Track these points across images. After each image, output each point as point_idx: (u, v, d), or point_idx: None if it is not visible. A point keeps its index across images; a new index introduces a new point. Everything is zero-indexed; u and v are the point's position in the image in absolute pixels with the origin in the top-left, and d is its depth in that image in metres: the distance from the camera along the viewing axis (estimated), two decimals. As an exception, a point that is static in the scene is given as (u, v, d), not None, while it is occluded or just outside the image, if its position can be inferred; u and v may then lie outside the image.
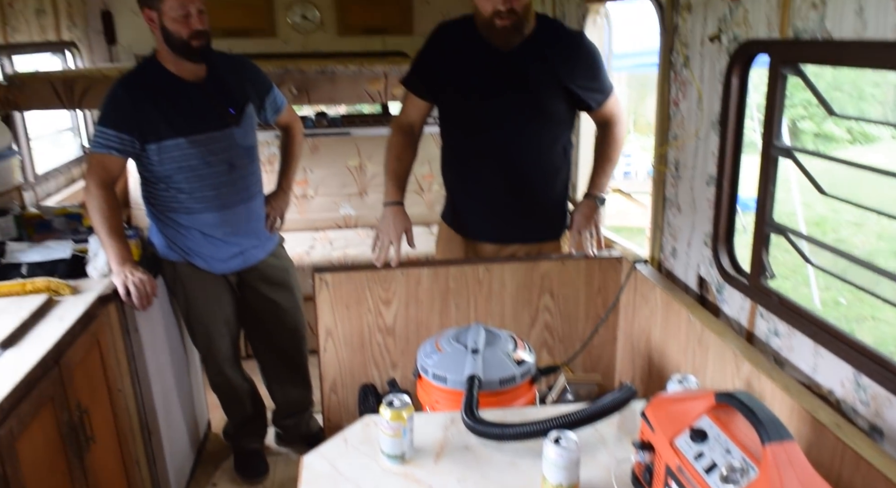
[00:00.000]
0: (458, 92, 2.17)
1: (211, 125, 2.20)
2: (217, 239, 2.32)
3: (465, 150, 2.26)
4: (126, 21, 3.96)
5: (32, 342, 1.77)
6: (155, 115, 2.13)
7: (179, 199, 2.25)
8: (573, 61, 2.10)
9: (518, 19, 1.98)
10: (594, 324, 2.31)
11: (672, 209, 2.08)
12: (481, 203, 2.29)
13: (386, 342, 2.27)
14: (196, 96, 2.18)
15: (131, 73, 2.21)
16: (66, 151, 3.68)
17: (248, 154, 2.33)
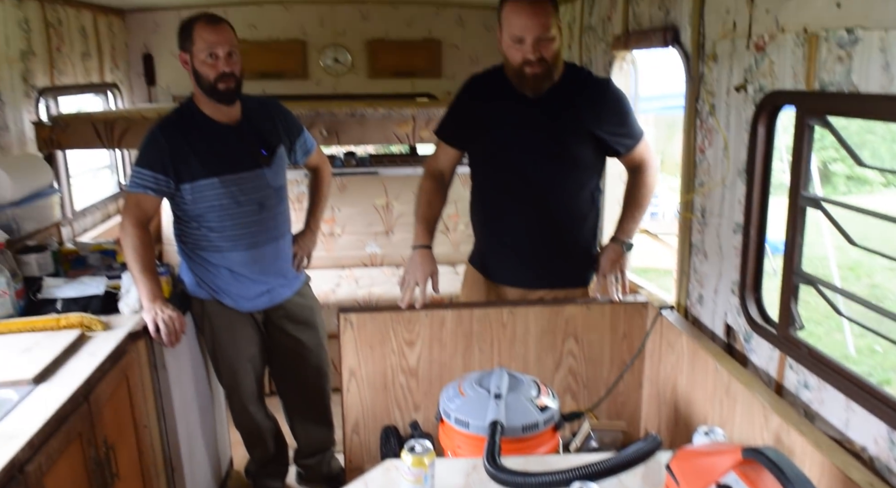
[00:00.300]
0: (488, 140, 2.19)
1: (243, 166, 2.26)
2: (245, 277, 2.36)
3: (494, 196, 2.28)
4: (165, 63, 4.12)
5: (64, 377, 1.81)
6: (190, 157, 2.20)
7: (210, 238, 2.30)
8: (601, 107, 2.11)
9: (548, 66, 2.00)
10: (619, 369, 2.28)
11: (698, 255, 2.07)
12: (509, 248, 2.29)
13: (409, 383, 2.27)
14: (230, 138, 2.25)
15: (168, 116, 2.29)
16: (103, 188, 3.80)
17: (278, 194, 2.39)
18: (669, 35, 2.13)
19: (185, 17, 4.03)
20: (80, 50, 3.40)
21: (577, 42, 3.20)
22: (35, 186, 2.51)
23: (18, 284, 2.22)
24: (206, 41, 2.14)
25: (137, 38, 4.07)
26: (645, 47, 2.35)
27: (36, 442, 1.52)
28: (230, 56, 2.18)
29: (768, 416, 1.55)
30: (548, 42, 1.95)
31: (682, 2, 2.07)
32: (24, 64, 2.86)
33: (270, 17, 4.08)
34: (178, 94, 4.18)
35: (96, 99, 3.77)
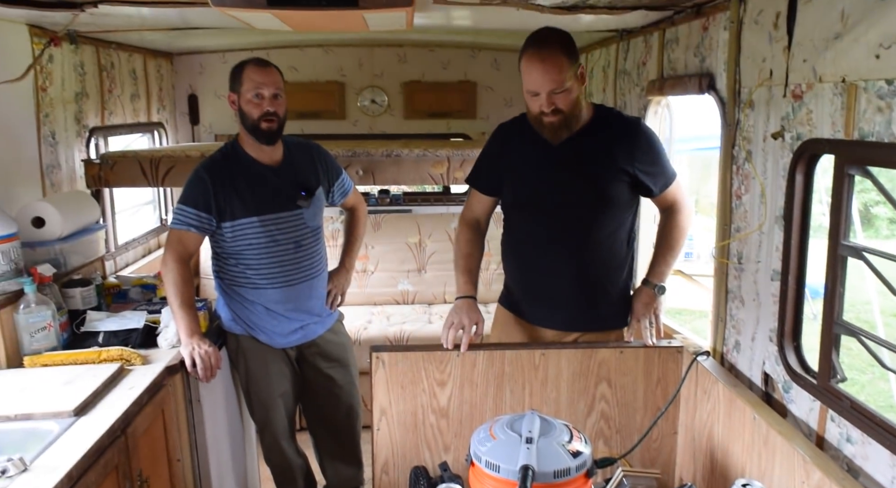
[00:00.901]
0: (518, 183, 2.21)
1: (283, 206, 2.33)
2: (280, 314, 2.40)
3: (526, 238, 2.28)
4: (208, 103, 4.28)
5: (103, 410, 1.85)
6: (232, 196, 2.27)
7: (247, 275, 2.36)
8: (631, 146, 2.11)
9: (564, 116, 2.02)
10: (653, 415, 2.24)
11: (735, 301, 2.04)
12: (544, 290, 2.27)
13: (439, 424, 2.26)
14: (271, 179, 2.32)
15: (213, 155, 2.38)
16: (145, 223, 3.91)
17: (315, 234, 2.44)
18: (705, 82, 2.15)
19: (228, 59, 4.25)
20: (129, 91, 3.55)
21: (612, 85, 3.24)
22: (83, 222, 2.60)
23: (63, 317, 2.29)
24: (254, 81, 2.24)
25: (183, 79, 4.24)
26: (680, 93, 2.37)
27: (74, 474, 1.55)
28: (275, 97, 2.27)
29: (809, 471, 1.50)
30: (562, 94, 1.97)
31: (718, 49, 2.10)
32: (78, 105, 2.99)
33: (311, 60, 4.22)
34: (220, 133, 4.33)
35: (142, 138, 3.92)
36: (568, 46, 1.99)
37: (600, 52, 3.47)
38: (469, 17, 2.86)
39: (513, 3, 2.21)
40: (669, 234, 2.22)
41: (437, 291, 4.09)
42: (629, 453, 2.18)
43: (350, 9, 1.79)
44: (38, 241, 2.38)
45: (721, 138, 2.07)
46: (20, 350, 2.15)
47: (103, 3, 2.07)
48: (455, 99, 4.28)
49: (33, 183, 2.64)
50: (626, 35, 3.01)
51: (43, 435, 1.71)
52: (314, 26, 2.02)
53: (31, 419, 1.78)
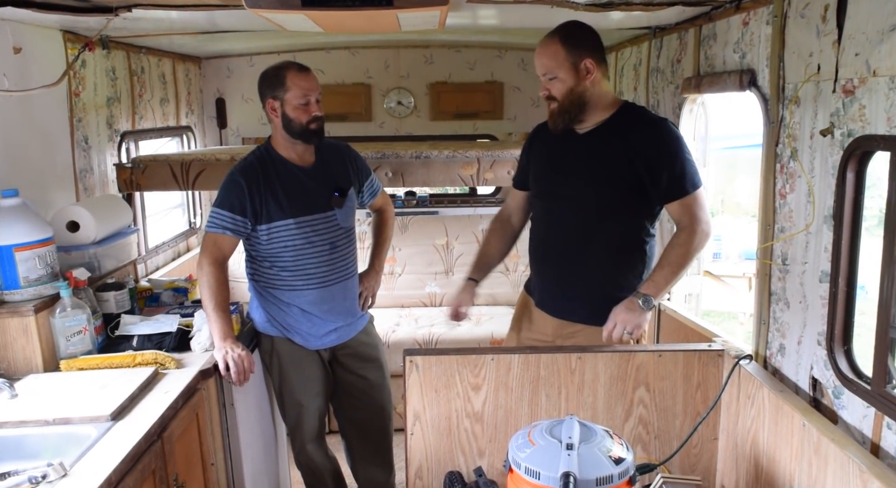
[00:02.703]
0: (536, 174, 2.31)
1: (317, 208, 2.33)
2: (315, 316, 2.40)
3: (542, 227, 2.33)
4: (236, 107, 4.29)
5: (139, 415, 1.85)
6: (267, 198, 2.27)
7: (282, 277, 2.36)
8: (652, 147, 2.07)
9: (559, 104, 2.09)
10: (693, 420, 2.19)
11: (779, 304, 1.98)
12: (548, 277, 2.34)
13: (474, 428, 2.23)
14: (305, 180, 2.32)
15: (247, 158, 2.37)
16: (174, 226, 3.93)
17: (348, 235, 2.44)
18: (746, 78, 2.09)
19: (255, 62, 4.25)
20: (159, 95, 3.57)
21: (644, 84, 3.19)
22: (116, 226, 2.61)
23: (98, 321, 2.30)
24: (302, 88, 2.24)
25: (211, 83, 4.26)
26: (718, 91, 2.31)
27: (114, 479, 1.55)
28: (318, 102, 2.30)
29: (867, 480, 1.45)
30: (555, 82, 2.07)
31: (760, 45, 2.04)
32: (109, 109, 3.01)
33: (337, 62, 4.21)
34: (247, 136, 4.34)
35: (171, 141, 3.94)
36: (570, 39, 2.05)
37: (631, 50, 3.41)
38: (496, 17, 2.82)
39: (547, 1, 2.18)
40: (673, 251, 2.11)
41: (465, 293, 4.06)
42: (669, 459, 2.13)
43: (385, 8, 1.77)
44: (73, 245, 2.39)
45: (763, 136, 2.01)
46: (56, 354, 2.16)
47: (137, 8, 2.08)
48: (482, 99, 4.25)
49: (67, 187, 2.66)
50: (659, 32, 2.95)
51: (81, 440, 1.71)
52: (346, 27, 2.01)
53: (69, 423, 1.79)
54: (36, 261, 2.11)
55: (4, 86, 2.23)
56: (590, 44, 2.08)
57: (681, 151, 2.08)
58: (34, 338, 2.09)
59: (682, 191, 2.08)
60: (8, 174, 2.24)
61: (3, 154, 2.24)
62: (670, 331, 2.84)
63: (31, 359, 2.10)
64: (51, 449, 1.72)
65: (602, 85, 2.11)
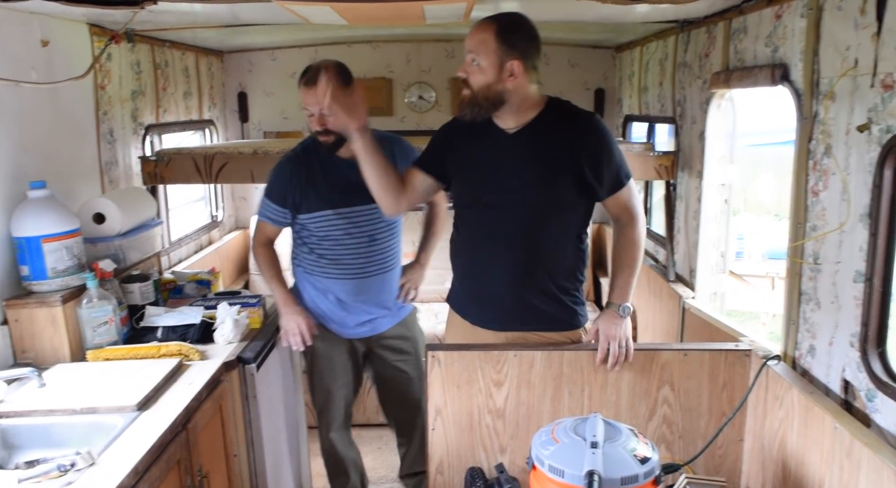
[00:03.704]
0: (463, 174, 2.13)
1: (358, 200, 2.33)
2: (350, 305, 2.45)
3: (470, 233, 2.17)
4: (258, 101, 4.31)
5: (165, 405, 1.86)
6: (308, 189, 2.34)
7: (321, 264, 2.42)
8: (593, 141, 2.00)
9: (471, 93, 1.94)
10: (718, 421, 2.16)
11: (810, 304, 1.94)
12: (483, 288, 2.17)
13: (495, 425, 2.21)
14: (348, 172, 2.27)
15: (295, 149, 2.45)
16: (197, 219, 3.96)
17: (390, 229, 2.45)
18: (778, 72, 2.05)
19: (277, 56, 4.26)
20: (182, 89, 3.59)
21: (670, 78, 3.14)
22: (141, 219, 2.63)
23: (123, 312, 2.32)
24: (305, 102, 2.30)
25: (233, 77, 4.28)
26: (749, 86, 2.27)
27: (140, 469, 1.56)
28: (324, 116, 2.25)
29: (902, 485, 1.41)
30: (475, 70, 1.92)
31: (794, 38, 2.00)
32: (134, 103, 3.03)
33: (359, 56, 4.20)
34: (268, 130, 4.35)
35: (194, 135, 3.96)
36: (505, 34, 1.90)
37: (656, 44, 3.37)
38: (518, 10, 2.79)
39: (574, -6, 2.15)
40: (624, 251, 2.09)
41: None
42: (694, 460, 2.11)
43: (411, 0, 1.75)
44: (99, 237, 2.41)
45: (796, 132, 1.97)
46: (83, 344, 2.18)
47: (163, 1, 2.08)
48: (503, 94, 4.22)
49: (93, 179, 2.68)
50: (686, 26, 2.91)
51: (107, 429, 1.72)
52: (371, 19, 1.99)
53: (96, 412, 1.80)
54: (63, 253, 2.13)
55: (32, 79, 2.25)
56: (524, 46, 1.93)
57: (614, 143, 2.04)
58: (61, 328, 2.11)
59: (620, 183, 2.05)
60: (36, 166, 2.26)
61: (32, 146, 2.26)
62: (694, 330, 2.80)
63: (59, 349, 2.12)
64: (78, 438, 1.74)
65: (526, 88, 1.97)
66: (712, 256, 2.92)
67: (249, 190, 4.39)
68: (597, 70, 4.29)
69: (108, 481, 1.47)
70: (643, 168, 3.10)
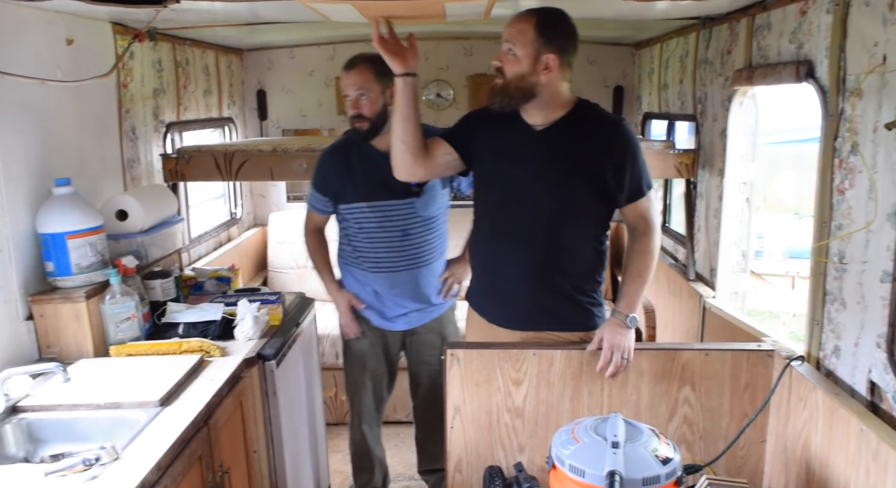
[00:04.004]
0: (488, 172, 2.13)
1: (393, 194, 2.37)
2: (386, 298, 2.50)
3: (491, 229, 2.17)
4: (276, 98, 4.33)
5: (186, 401, 1.87)
6: (345, 181, 2.40)
7: (357, 256, 2.49)
8: (619, 146, 2.00)
9: (503, 82, 1.96)
10: (740, 421, 2.14)
11: (835, 304, 1.92)
12: (500, 285, 2.16)
13: (514, 423, 2.21)
14: (384, 166, 2.25)
15: (338, 141, 2.53)
16: (216, 216, 3.99)
17: (426, 224, 2.46)
18: (803, 69, 2.02)
19: (296, 54, 4.28)
20: (202, 87, 3.61)
21: (691, 76, 3.11)
22: (163, 216, 2.65)
23: (145, 308, 2.34)
24: (343, 85, 2.36)
25: (252, 75, 4.30)
26: (772, 83, 2.24)
27: (163, 464, 1.58)
28: (360, 97, 2.30)
29: (930, 489, 1.39)
30: (511, 59, 1.94)
31: (819, 34, 1.97)
32: (156, 101, 3.06)
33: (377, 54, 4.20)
34: (287, 128, 4.37)
35: (213, 132, 3.99)
36: (545, 27, 1.92)
37: (677, 41, 3.34)
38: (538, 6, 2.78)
39: (596, -10, 2.13)
40: (637, 260, 2.07)
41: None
42: (716, 460, 2.09)
43: (434, -3, 1.75)
44: (122, 234, 2.43)
45: (821, 130, 1.94)
46: (106, 339, 2.21)
47: (186, -1, 2.10)
48: (521, 91, 4.20)
49: (115, 177, 2.70)
50: (708, 23, 2.88)
51: (131, 424, 1.74)
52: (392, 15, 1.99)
53: (120, 407, 1.82)
54: (87, 249, 2.15)
55: (58, 77, 2.27)
56: (562, 42, 1.94)
57: (640, 152, 2.04)
58: (85, 323, 2.14)
59: (640, 192, 2.04)
60: (60, 163, 2.29)
61: (56, 143, 2.29)
62: (715, 330, 2.78)
63: (82, 345, 2.15)
64: (101, 433, 1.76)
65: (558, 84, 1.98)
66: (733, 255, 2.89)
67: (268, 187, 4.42)
68: (616, 67, 4.26)
69: (133, 476, 1.48)
70: (663, 166, 3.08)
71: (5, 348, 2.02)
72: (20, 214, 2.10)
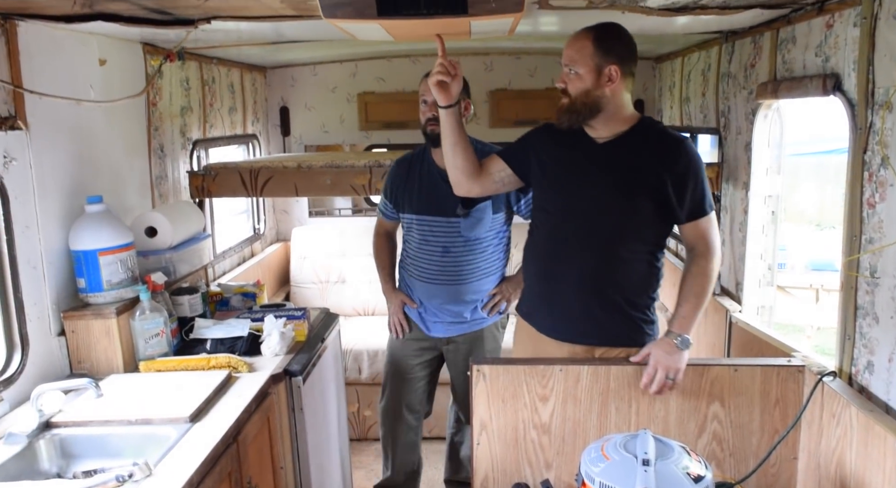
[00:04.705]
0: (549, 183, 2.16)
1: (440, 211, 2.49)
2: (427, 305, 2.63)
3: (547, 240, 2.18)
4: (299, 115, 4.38)
5: (215, 417, 1.89)
6: (404, 192, 2.56)
7: (406, 262, 2.68)
8: (680, 163, 2.00)
9: (570, 101, 2.00)
10: (771, 438, 2.11)
11: (867, 318, 1.89)
12: (554, 297, 2.18)
13: (541, 440, 2.20)
14: (441, 183, 2.41)
15: (407, 153, 2.67)
16: (240, 232, 4.03)
17: (469, 245, 2.53)
18: (830, 82, 2.01)
19: (318, 71, 4.34)
20: (228, 104, 3.67)
21: (713, 89, 3.11)
22: (191, 232, 2.69)
23: (173, 324, 2.37)
24: (421, 89, 2.50)
25: (276, 92, 4.36)
26: (799, 96, 2.23)
27: (195, 480, 1.59)
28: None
29: (973, 509, 1.36)
30: (574, 78, 1.99)
31: (846, 48, 1.96)
32: (183, 118, 3.11)
33: (398, 70, 4.25)
34: (309, 144, 4.42)
35: (238, 149, 4.04)
36: (603, 40, 1.97)
37: (698, 55, 3.34)
38: (557, 24, 2.79)
39: (620, 7, 2.14)
40: (694, 281, 2.05)
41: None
42: (746, 478, 2.06)
43: (460, 16, 1.77)
44: (151, 250, 2.47)
45: (850, 143, 1.93)
46: (135, 355, 2.24)
47: (216, 19, 2.13)
48: (542, 106, 4.21)
49: (144, 193, 2.75)
50: (731, 36, 2.88)
51: (161, 440, 1.76)
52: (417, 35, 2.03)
53: (150, 423, 1.84)
54: (118, 265, 2.19)
55: (91, 96, 2.33)
56: (621, 52, 2.00)
57: (703, 171, 2.04)
58: (115, 339, 2.17)
59: (702, 211, 2.04)
60: (92, 181, 2.34)
61: (88, 161, 2.33)
62: (742, 345, 2.75)
63: (113, 360, 2.18)
64: (133, 449, 1.78)
65: (621, 96, 2.03)
66: (759, 269, 2.87)
67: (290, 203, 4.47)
68: (636, 80, 4.24)
69: (166, 492, 1.50)
70: (687, 179, 3.06)
71: (38, 364, 2.05)
72: (53, 231, 2.14)
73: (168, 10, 2.00)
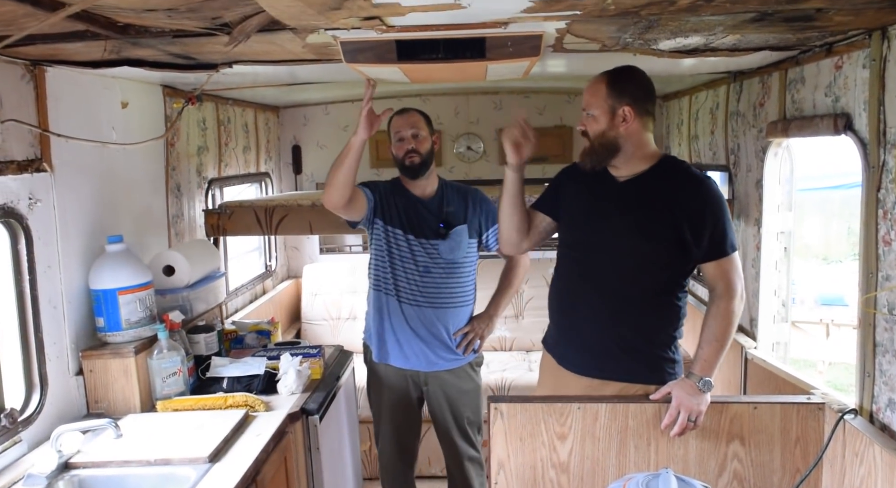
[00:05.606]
0: (569, 220, 2.22)
1: (422, 233, 2.52)
2: (401, 330, 2.53)
3: (569, 276, 2.22)
4: (311, 153, 4.45)
5: (235, 457, 1.88)
6: (390, 205, 2.54)
7: (379, 279, 2.57)
8: (698, 203, 2.01)
9: (590, 143, 2.06)
10: (793, 477, 2.08)
11: (886, 355, 1.89)
12: (574, 332, 2.19)
13: (559, 479, 2.17)
14: (420, 208, 2.54)
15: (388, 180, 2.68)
16: (251, 269, 4.05)
17: (448, 268, 2.54)
18: (841, 122, 2.05)
19: (330, 110, 4.41)
20: (242, 144, 3.73)
21: (722, 128, 3.15)
22: (207, 270, 2.71)
23: (190, 362, 2.37)
24: (395, 127, 2.51)
25: (288, 131, 4.44)
26: (809, 135, 2.26)
27: (216, 522, 1.57)
28: (415, 136, 2.48)
29: None
30: (590, 119, 2.06)
31: (856, 88, 2.00)
32: (199, 158, 3.16)
33: (409, 109, 4.32)
34: (321, 182, 4.47)
35: (250, 187, 4.09)
36: (616, 82, 2.03)
37: (706, 93, 3.39)
38: (565, 65, 2.85)
39: (631, 50, 2.20)
40: (714, 323, 2.03)
41: (536, 338, 3.97)
42: (770, 518, 2.03)
43: (478, 60, 1.82)
44: (168, 289, 2.49)
45: (863, 181, 1.95)
46: (152, 394, 2.24)
47: (238, 64, 2.19)
48: (551, 144, 4.27)
49: (161, 232, 2.78)
50: (738, 76, 2.93)
51: (181, 481, 1.76)
52: (435, 78, 2.08)
53: (170, 464, 1.84)
54: (137, 305, 2.20)
55: (113, 138, 2.37)
56: (635, 92, 2.03)
57: (724, 212, 2.04)
58: (133, 378, 2.17)
59: (722, 252, 2.03)
60: (112, 220, 2.37)
61: (109, 201, 2.37)
62: (759, 382, 2.73)
63: (130, 399, 2.18)
64: (151, 490, 1.77)
65: (640, 135, 2.04)
66: (773, 305, 2.87)
67: (301, 239, 4.50)
68: None
69: (187, 534, 1.49)
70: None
71: (56, 404, 2.05)
72: (74, 271, 2.16)
73: (193, 55, 2.06)
